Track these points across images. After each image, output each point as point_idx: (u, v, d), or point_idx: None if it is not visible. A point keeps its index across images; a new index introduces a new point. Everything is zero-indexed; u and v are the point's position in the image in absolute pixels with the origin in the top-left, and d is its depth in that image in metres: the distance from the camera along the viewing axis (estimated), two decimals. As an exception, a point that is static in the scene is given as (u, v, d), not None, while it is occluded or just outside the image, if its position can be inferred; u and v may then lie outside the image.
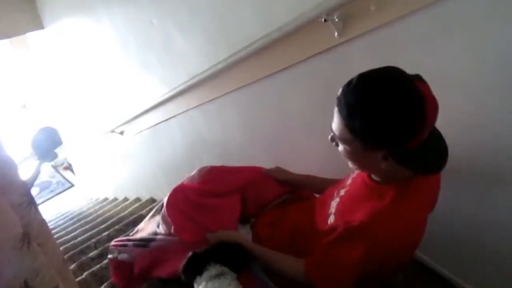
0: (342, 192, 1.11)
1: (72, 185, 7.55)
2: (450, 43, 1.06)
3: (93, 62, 3.62)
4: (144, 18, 2.37)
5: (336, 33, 1.33)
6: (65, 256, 2.79)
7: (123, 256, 1.49)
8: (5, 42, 5.53)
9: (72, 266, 2.53)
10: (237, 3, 1.70)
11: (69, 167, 6.83)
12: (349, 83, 0.85)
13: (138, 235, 1.54)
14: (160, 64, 2.48)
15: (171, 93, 2.36)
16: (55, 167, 7.75)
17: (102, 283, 2.04)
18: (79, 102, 4.58)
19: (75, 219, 4.32)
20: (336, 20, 1.30)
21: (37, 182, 7.51)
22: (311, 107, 1.64)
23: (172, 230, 1.30)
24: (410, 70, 1.22)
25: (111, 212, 3.84)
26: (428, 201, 1.00)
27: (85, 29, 3.48)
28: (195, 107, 2.34)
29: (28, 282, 0.94)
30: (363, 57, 1.32)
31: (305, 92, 1.63)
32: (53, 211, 6.20)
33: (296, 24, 1.42)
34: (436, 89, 1.16)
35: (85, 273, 2.21)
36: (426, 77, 1.17)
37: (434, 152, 0.88)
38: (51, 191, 7.61)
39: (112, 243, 1.60)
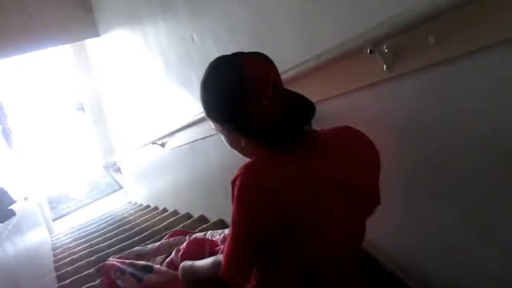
0: None
1: (121, 187, 7.78)
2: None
3: (140, 72, 3.63)
4: (184, 33, 2.27)
5: (384, 66, 1.11)
6: (96, 267, 2.76)
7: (118, 282, 1.52)
8: (67, 47, 5.84)
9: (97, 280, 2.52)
10: (277, 25, 1.53)
11: (119, 170, 7.04)
12: None
13: (142, 261, 1.56)
14: (199, 81, 2.37)
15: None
16: (106, 168, 8.04)
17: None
18: (129, 110, 4.66)
19: (114, 225, 4.41)
20: (386, 51, 1.09)
21: (89, 181, 7.82)
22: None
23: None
24: (472, 119, 0.98)
25: (148, 223, 3.84)
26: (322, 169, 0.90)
27: (133, 41, 3.51)
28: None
29: None
30: (416, 97, 1.09)
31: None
32: (100, 210, 6.44)
33: (338, 52, 1.21)
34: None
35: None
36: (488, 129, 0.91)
37: (285, 121, 0.86)
38: (100, 191, 7.91)
39: (113, 259, 1.61)
